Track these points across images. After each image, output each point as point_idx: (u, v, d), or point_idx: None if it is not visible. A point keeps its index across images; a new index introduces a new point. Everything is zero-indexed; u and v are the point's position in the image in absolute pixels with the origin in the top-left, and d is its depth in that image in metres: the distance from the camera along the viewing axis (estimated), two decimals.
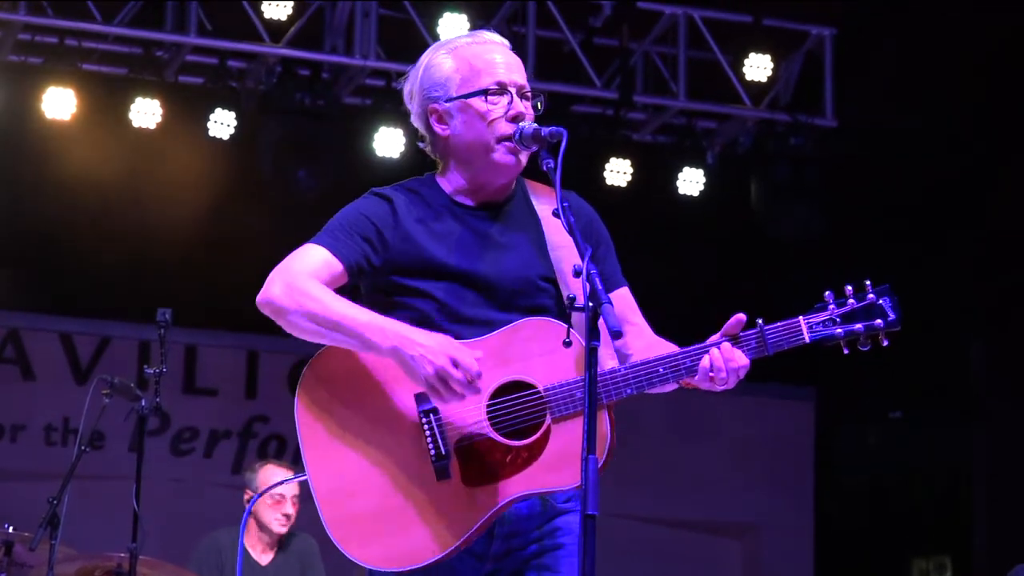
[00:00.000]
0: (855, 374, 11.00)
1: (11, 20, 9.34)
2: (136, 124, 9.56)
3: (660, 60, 10.36)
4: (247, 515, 6.64)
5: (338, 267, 3.80)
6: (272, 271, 3.81)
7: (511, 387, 3.76)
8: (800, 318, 3.79)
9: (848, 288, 3.81)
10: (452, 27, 9.44)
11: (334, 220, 3.88)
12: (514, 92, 3.87)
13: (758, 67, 10.18)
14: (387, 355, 3.69)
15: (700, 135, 10.57)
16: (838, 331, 3.78)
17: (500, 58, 3.91)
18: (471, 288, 3.84)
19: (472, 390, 3.66)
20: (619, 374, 3.74)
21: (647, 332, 3.93)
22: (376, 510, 3.71)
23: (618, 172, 10.22)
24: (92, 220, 10.11)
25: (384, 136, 9.84)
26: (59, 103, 9.44)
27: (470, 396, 3.70)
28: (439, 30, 9.48)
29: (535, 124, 3.81)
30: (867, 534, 12.32)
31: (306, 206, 9.49)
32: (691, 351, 3.78)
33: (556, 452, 3.71)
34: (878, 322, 3.78)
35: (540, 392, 3.74)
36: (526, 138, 3.81)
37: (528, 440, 3.73)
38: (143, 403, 6.59)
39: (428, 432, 3.73)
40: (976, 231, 10.98)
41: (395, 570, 3.71)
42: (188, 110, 9.71)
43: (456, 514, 3.70)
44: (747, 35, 10.24)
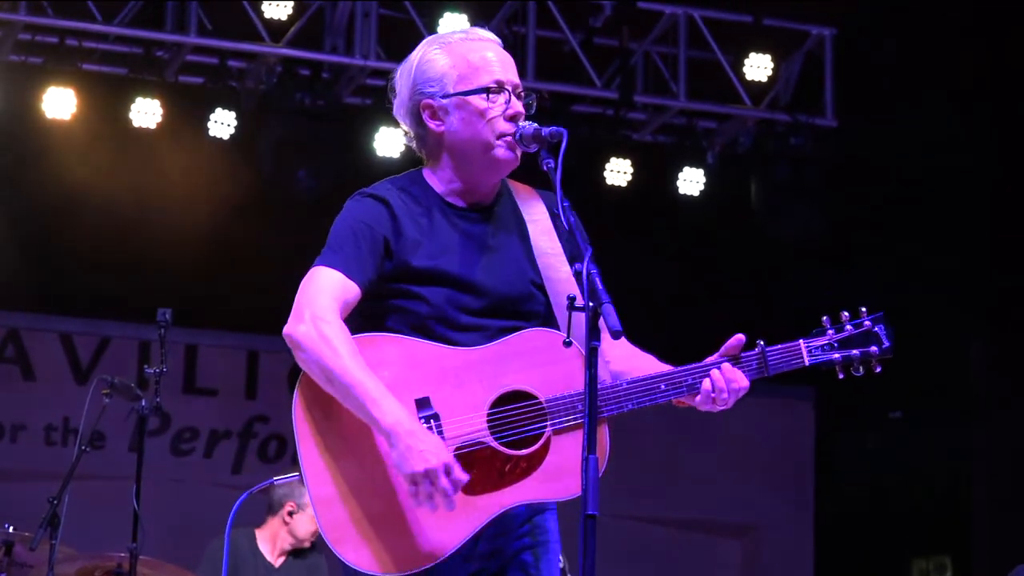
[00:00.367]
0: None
1: (11, 20, 9.34)
2: (136, 124, 9.56)
3: (660, 60, 10.36)
4: (233, 513, 6.59)
5: (354, 290, 3.75)
6: (296, 303, 3.72)
7: (512, 397, 3.75)
8: (800, 341, 3.89)
9: (844, 314, 3.93)
10: (453, 27, 9.43)
11: (340, 233, 3.81)
12: (510, 91, 3.87)
13: (758, 67, 10.19)
14: (381, 433, 3.63)
15: (700, 135, 10.57)
16: (835, 356, 3.90)
17: (495, 56, 3.91)
18: (467, 294, 3.82)
19: (449, 504, 3.60)
20: (621, 389, 3.77)
21: (623, 341, 3.85)
22: (372, 514, 3.69)
23: (618, 172, 10.22)
24: (92, 220, 10.11)
25: (384, 136, 9.84)
26: (59, 103, 9.44)
27: (466, 417, 3.68)
28: (439, 30, 9.47)
29: (535, 124, 3.80)
30: (867, 534, 12.32)
31: (306, 206, 9.49)
32: (692, 369, 3.83)
33: (556, 462, 3.71)
34: (873, 349, 3.92)
35: (541, 403, 3.75)
36: (526, 138, 3.80)
37: (528, 450, 3.73)
38: (143, 403, 6.59)
39: None
40: (976, 231, 10.97)
41: (389, 575, 3.68)
42: (188, 110, 9.71)
43: (453, 521, 3.68)
44: (747, 35, 10.24)
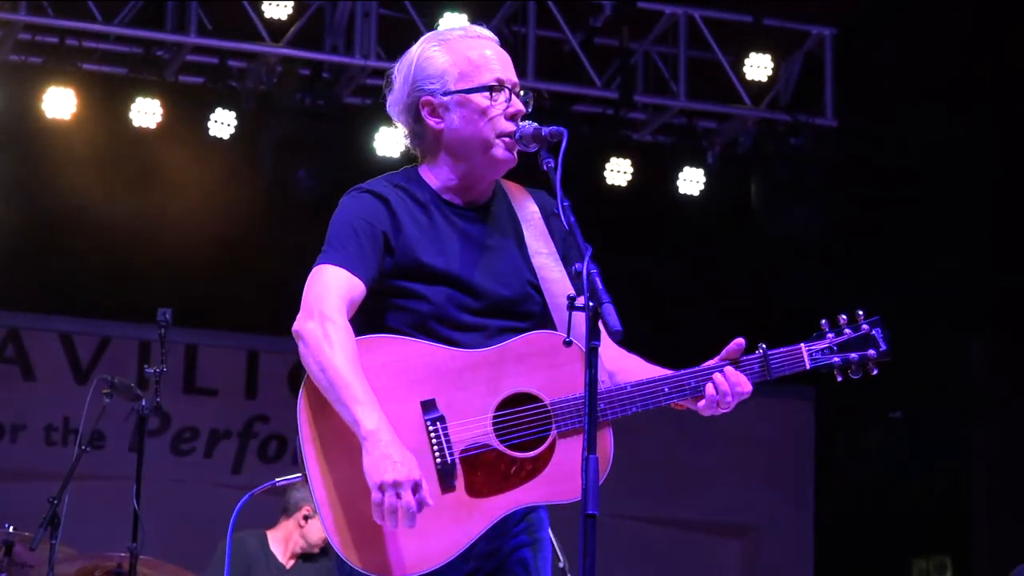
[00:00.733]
0: None
1: (12, 20, 9.33)
2: (136, 124, 9.55)
3: (660, 60, 10.36)
4: (235, 515, 6.59)
5: (359, 287, 3.75)
6: (303, 301, 3.73)
7: (517, 399, 3.75)
8: (801, 345, 3.92)
9: (842, 318, 3.96)
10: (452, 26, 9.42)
11: (341, 231, 3.80)
12: (510, 89, 3.87)
13: (758, 67, 10.19)
14: (359, 437, 3.60)
15: (700, 135, 10.57)
16: (835, 359, 3.93)
17: (494, 54, 3.91)
18: (467, 294, 3.82)
19: (410, 521, 3.57)
20: (625, 392, 3.77)
21: (610, 342, 3.79)
22: None
23: (618, 172, 10.22)
24: (92, 220, 10.10)
25: (384, 136, 9.83)
26: (59, 103, 9.43)
27: (472, 419, 3.68)
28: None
29: (535, 124, 3.80)
30: (867, 534, 12.31)
31: (306, 206, 9.49)
32: (695, 372, 3.83)
33: (561, 465, 3.71)
34: (871, 352, 3.95)
35: (546, 405, 3.75)
36: (526, 138, 3.80)
37: (533, 453, 3.73)
38: (143, 403, 6.59)
39: (435, 441, 3.71)
40: (976, 231, 10.97)
41: None
42: (188, 110, 9.71)
43: (458, 524, 3.68)
44: (747, 35, 10.24)
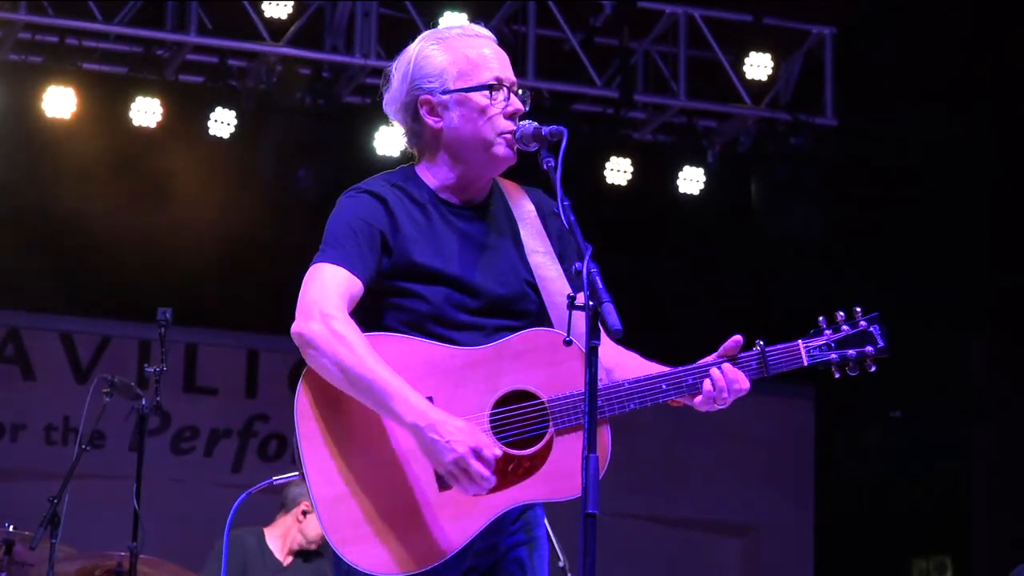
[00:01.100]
0: None
1: (12, 19, 9.33)
2: (136, 123, 9.55)
3: (660, 59, 10.36)
4: (233, 513, 6.59)
5: (357, 286, 3.74)
6: (302, 300, 3.71)
7: (514, 396, 3.75)
8: (799, 342, 3.90)
9: (840, 314, 3.94)
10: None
11: (338, 230, 3.79)
12: (509, 88, 3.87)
13: (758, 66, 10.19)
14: (406, 428, 3.63)
15: (700, 134, 10.57)
16: (833, 356, 3.91)
17: (493, 53, 3.91)
18: (464, 293, 3.81)
19: (487, 484, 3.61)
20: (623, 389, 3.77)
21: (607, 339, 3.78)
22: (376, 514, 3.68)
23: (618, 171, 10.22)
24: (92, 219, 10.11)
25: (384, 135, 9.83)
26: (59, 102, 9.43)
27: (469, 417, 3.67)
28: None
29: (535, 123, 3.80)
30: (867, 533, 12.32)
31: (306, 205, 9.49)
32: (693, 369, 3.83)
33: (558, 463, 3.71)
34: (868, 349, 3.93)
35: (543, 403, 3.74)
36: (526, 137, 3.79)
37: (531, 450, 3.72)
38: (143, 402, 6.59)
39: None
40: (976, 231, 10.98)
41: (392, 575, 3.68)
42: (188, 109, 9.70)
43: (456, 522, 3.68)
44: (747, 34, 10.24)
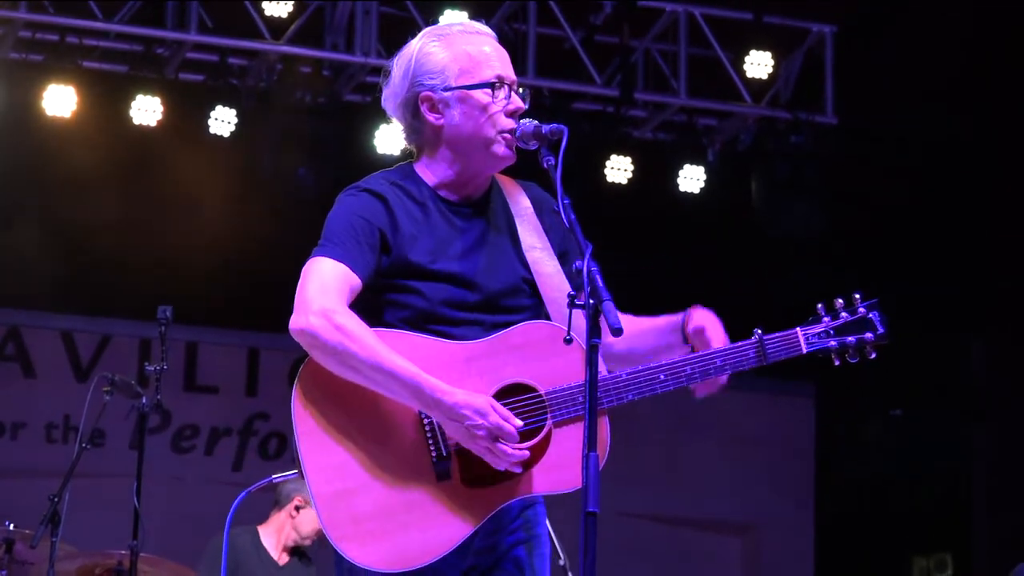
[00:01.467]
0: (855, 371, 10.96)
1: (12, 18, 9.34)
2: (137, 121, 9.55)
3: (661, 57, 10.36)
4: (233, 511, 6.59)
5: (356, 282, 3.73)
6: (301, 295, 3.70)
7: (512, 389, 3.75)
8: (797, 329, 3.88)
9: (839, 301, 3.92)
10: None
11: (337, 227, 3.78)
12: (509, 86, 3.87)
13: (759, 64, 10.19)
14: (424, 409, 3.65)
15: (701, 132, 10.57)
16: (832, 343, 3.89)
17: (493, 50, 3.91)
18: (463, 289, 3.82)
19: (512, 439, 3.64)
20: (621, 380, 3.76)
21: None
22: (375, 510, 3.68)
23: (619, 169, 10.22)
24: (92, 218, 10.11)
25: (385, 134, 9.83)
26: (60, 101, 9.43)
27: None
28: None
29: (535, 121, 3.80)
30: (867, 532, 12.32)
31: (307, 203, 9.49)
32: (691, 359, 3.82)
33: (557, 455, 3.72)
34: (868, 335, 3.91)
35: (541, 395, 3.75)
36: (526, 135, 3.80)
37: (529, 443, 3.72)
38: (144, 401, 6.60)
39: (429, 432, 3.71)
40: (976, 231, 10.98)
41: (394, 571, 3.68)
42: (189, 107, 9.71)
43: (456, 516, 3.69)
44: (748, 32, 10.24)
